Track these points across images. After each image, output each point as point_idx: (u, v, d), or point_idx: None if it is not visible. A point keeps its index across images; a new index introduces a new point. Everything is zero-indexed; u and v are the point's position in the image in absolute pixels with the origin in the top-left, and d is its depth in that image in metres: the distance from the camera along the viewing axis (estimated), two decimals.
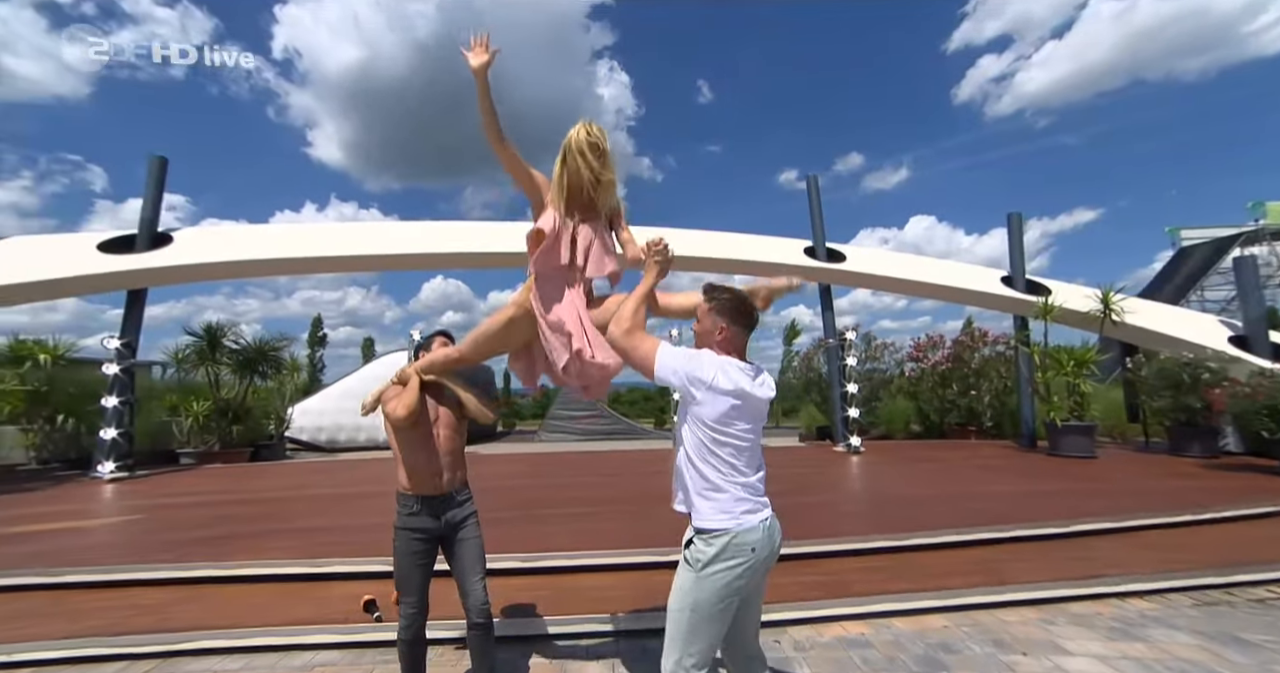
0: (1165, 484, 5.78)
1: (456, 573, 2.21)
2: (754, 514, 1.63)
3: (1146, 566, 3.67)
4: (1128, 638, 2.86)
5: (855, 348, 8.68)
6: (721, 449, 1.64)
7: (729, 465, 1.64)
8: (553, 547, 3.74)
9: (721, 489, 1.63)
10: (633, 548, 3.70)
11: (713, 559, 1.59)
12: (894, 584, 3.35)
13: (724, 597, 1.61)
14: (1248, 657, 2.65)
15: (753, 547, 1.60)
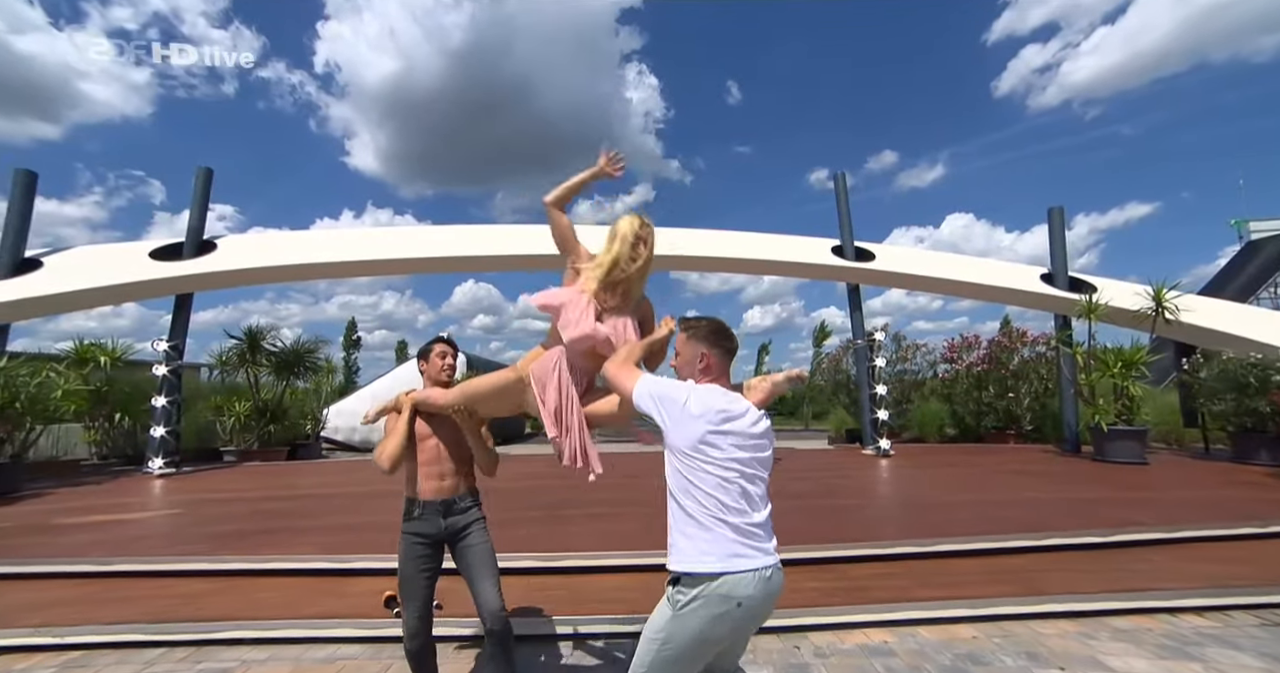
0: (1226, 494, 5.42)
1: (467, 579, 2.15)
2: (744, 560, 1.45)
3: (1202, 580, 3.43)
4: (1181, 657, 2.67)
5: (884, 349, 8.44)
6: (702, 481, 1.50)
7: (714, 500, 1.48)
8: (574, 547, 3.74)
9: (705, 527, 1.48)
10: (651, 550, 3.66)
11: (690, 604, 1.45)
12: (920, 592, 3.22)
13: (698, 643, 1.47)
14: None
15: (739, 601, 1.43)
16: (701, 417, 1.51)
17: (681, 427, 1.51)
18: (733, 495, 1.48)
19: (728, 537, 1.45)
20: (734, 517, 1.47)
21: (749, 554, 1.45)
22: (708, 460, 1.49)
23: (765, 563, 1.46)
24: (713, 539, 1.45)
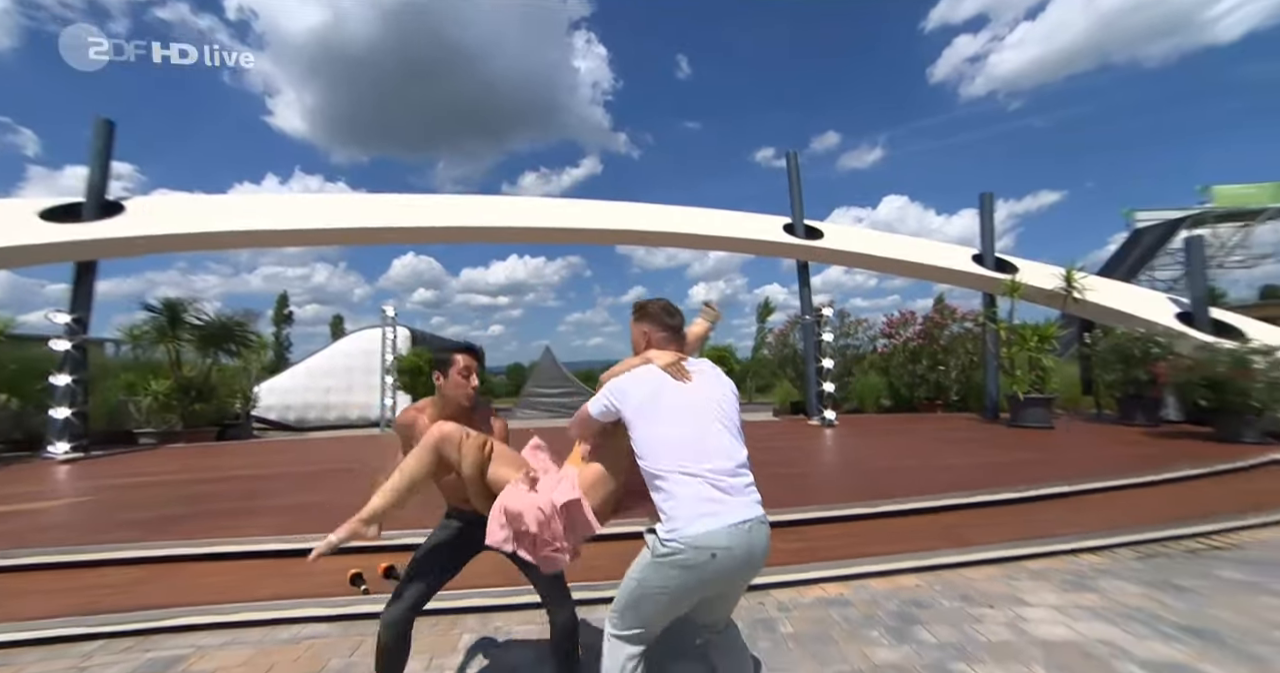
0: (1114, 451, 6.14)
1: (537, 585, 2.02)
2: (719, 515, 1.50)
3: (1096, 524, 3.92)
4: (1080, 589, 3.07)
5: (830, 324, 8.85)
6: (656, 438, 1.59)
7: (671, 453, 1.57)
8: None
9: (669, 480, 1.55)
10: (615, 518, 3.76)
11: (665, 553, 1.51)
12: (868, 548, 3.50)
13: (671, 590, 1.54)
14: (1183, 602, 2.89)
15: (714, 552, 1.47)
16: (639, 387, 1.67)
17: (628, 404, 1.65)
18: (691, 442, 1.58)
19: (695, 487, 1.52)
20: (697, 463, 1.55)
21: (721, 507, 1.51)
22: (657, 416, 1.62)
23: (744, 516, 1.52)
24: (683, 493, 1.52)
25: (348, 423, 16.22)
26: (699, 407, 1.68)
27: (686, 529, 1.48)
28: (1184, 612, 2.79)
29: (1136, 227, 27.76)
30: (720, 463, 1.58)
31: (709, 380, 1.77)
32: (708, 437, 1.63)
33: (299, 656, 2.58)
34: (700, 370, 1.79)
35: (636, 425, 1.64)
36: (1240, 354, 6.73)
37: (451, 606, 2.94)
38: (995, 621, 2.73)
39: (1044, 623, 2.69)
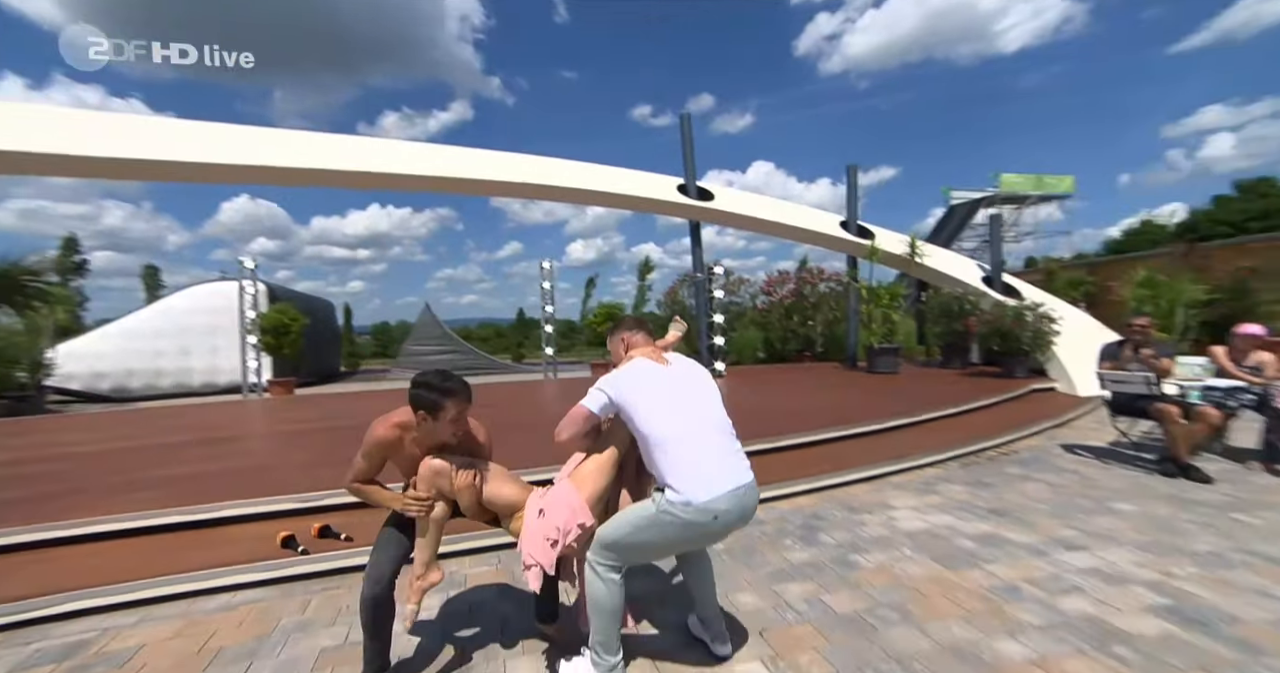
0: (942, 389, 7.54)
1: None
2: (720, 482, 1.75)
3: (935, 445, 4.91)
4: (927, 494, 3.91)
5: (719, 282, 9.48)
6: (659, 417, 1.82)
7: (674, 429, 1.81)
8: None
9: (674, 453, 1.78)
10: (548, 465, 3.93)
11: (672, 513, 1.74)
12: (773, 476, 4.07)
13: (667, 543, 1.85)
14: (988, 493, 3.89)
15: (716, 515, 1.73)
16: (628, 379, 1.92)
17: (620, 393, 1.87)
18: (679, 418, 1.84)
19: (693, 458, 1.78)
20: (702, 443, 1.83)
21: (723, 476, 1.78)
22: (644, 402, 1.85)
23: (740, 481, 1.81)
24: (690, 465, 1.77)
25: (188, 391, 14.14)
26: (690, 388, 1.96)
27: (694, 496, 1.73)
28: (989, 500, 3.73)
29: (952, 203, 32.51)
30: (716, 436, 1.88)
31: (690, 366, 2.08)
32: (703, 413, 1.91)
33: (241, 620, 2.47)
34: (679, 359, 2.08)
35: (638, 409, 1.84)
36: (1017, 310, 8.51)
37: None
38: (874, 523, 3.41)
39: (906, 520, 3.43)
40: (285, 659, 2.17)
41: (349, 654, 2.14)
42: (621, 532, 1.84)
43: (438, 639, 2.29)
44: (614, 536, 1.85)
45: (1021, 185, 30.30)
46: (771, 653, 2.12)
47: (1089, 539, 3.06)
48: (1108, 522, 3.31)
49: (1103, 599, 2.41)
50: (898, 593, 2.53)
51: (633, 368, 1.96)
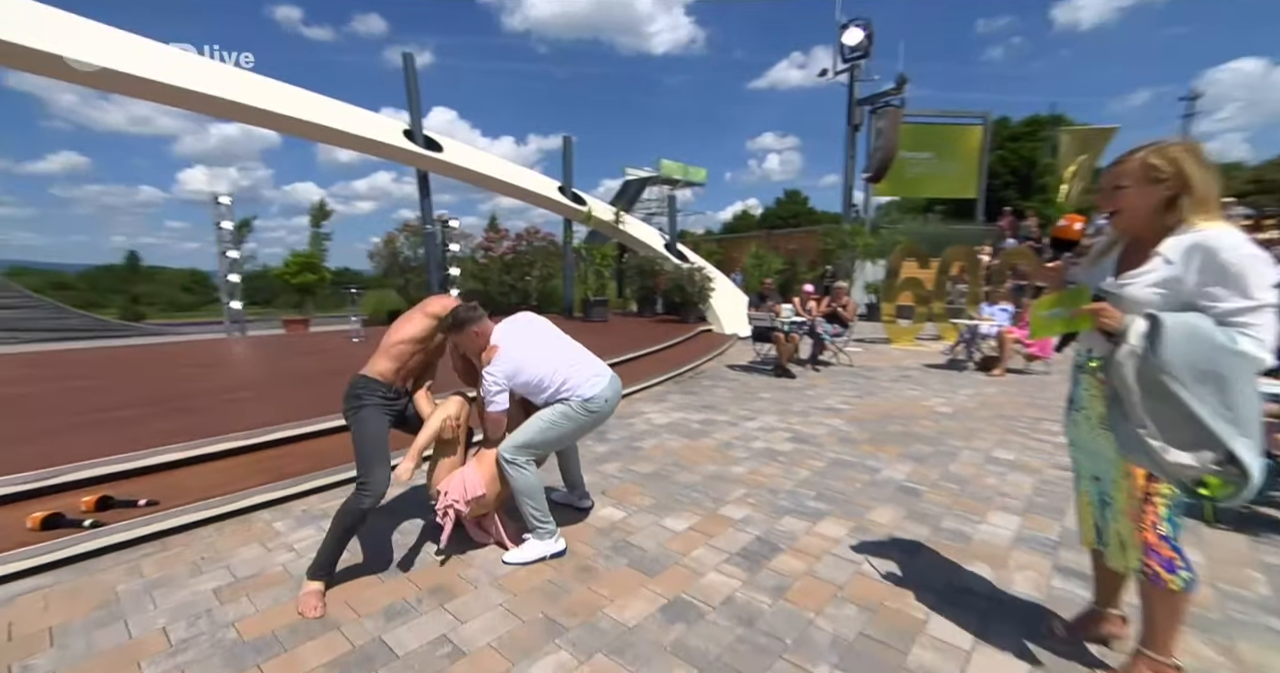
0: (644, 332, 9.65)
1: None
2: (604, 379, 2.53)
3: (656, 370, 6.63)
4: (662, 402, 5.48)
5: (450, 235, 9.46)
6: (547, 362, 2.48)
7: (562, 361, 2.51)
8: (258, 424, 3.53)
9: (570, 375, 2.48)
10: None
11: (585, 408, 2.45)
12: None
13: (577, 429, 2.52)
14: (697, 397, 5.67)
15: (606, 399, 2.50)
16: (507, 364, 2.43)
17: (516, 377, 2.45)
18: (571, 355, 2.59)
19: (589, 372, 2.54)
20: (582, 362, 2.59)
21: (602, 374, 2.59)
22: (538, 353, 2.51)
23: (610, 374, 2.63)
24: (585, 375, 2.52)
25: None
26: (544, 330, 2.67)
27: (595, 392, 2.49)
28: (698, 400, 5.53)
29: (627, 178, 37.88)
30: (582, 351, 2.66)
31: (528, 319, 2.72)
32: (564, 340, 2.68)
33: (12, 619, 2.08)
34: (516, 319, 2.68)
35: (527, 368, 2.44)
36: (690, 271, 11.42)
37: (247, 504, 2.80)
38: (639, 423, 4.73)
39: (656, 418, 4.86)
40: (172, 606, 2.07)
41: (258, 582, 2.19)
42: (538, 433, 2.48)
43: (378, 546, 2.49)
44: (531, 437, 2.48)
45: (675, 171, 37.33)
46: (614, 501, 3.11)
47: (754, 413, 5.02)
48: (759, 404, 5.41)
49: (768, 441, 4.23)
50: (671, 457, 3.84)
51: (508, 348, 2.45)
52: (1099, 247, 1.66)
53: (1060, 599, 2.12)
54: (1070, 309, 1.51)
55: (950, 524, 2.79)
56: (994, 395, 5.74)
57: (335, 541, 2.14)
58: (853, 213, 17.42)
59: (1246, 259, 1.32)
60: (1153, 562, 1.54)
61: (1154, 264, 1.42)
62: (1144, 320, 1.38)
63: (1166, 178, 1.42)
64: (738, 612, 2.07)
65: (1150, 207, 1.45)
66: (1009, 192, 27.79)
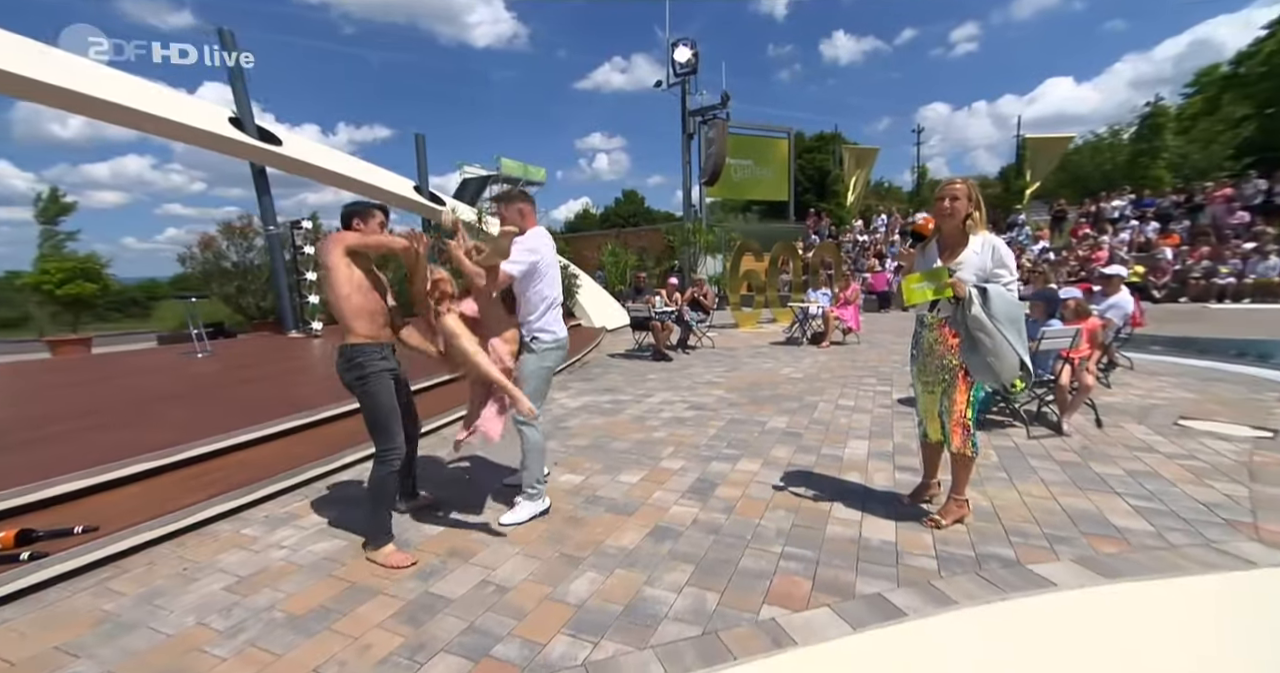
0: None
1: (404, 411, 2.61)
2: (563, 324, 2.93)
3: None
4: (567, 388, 5.90)
5: (308, 235, 8.59)
6: (552, 283, 2.81)
7: (552, 292, 2.80)
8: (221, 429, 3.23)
9: (552, 309, 2.79)
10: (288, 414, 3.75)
11: (554, 347, 2.76)
12: None
13: (553, 369, 2.91)
14: (596, 382, 6.21)
15: (567, 340, 2.87)
16: (546, 246, 2.77)
17: (544, 262, 2.74)
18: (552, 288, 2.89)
19: (559, 314, 2.91)
20: (558, 302, 2.93)
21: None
22: (546, 272, 2.81)
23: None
24: (558, 317, 2.88)
25: None
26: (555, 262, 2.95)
27: (562, 332, 2.87)
28: (599, 384, 6.06)
29: (465, 176, 36.55)
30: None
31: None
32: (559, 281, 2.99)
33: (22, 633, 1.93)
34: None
35: (545, 274, 2.73)
36: None
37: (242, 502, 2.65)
38: (555, 406, 5.11)
39: (571, 401, 5.28)
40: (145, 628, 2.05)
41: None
42: (535, 387, 2.75)
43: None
44: (534, 390, 2.74)
45: (515, 169, 36.87)
46: (569, 469, 3.54)
47: (650, 391, 5.72)
48: (650, 383, 6.13)
49: (673, 411, 4.94)
50: (598, 431, 4.35)
51: (545, 239, 2.72)
52: (923, 244, 2.59)
53: (903, 483, 3.12)
54: (938, 282, 2.35)
55: (827, 452, 3.75)
56: (827, 363, 7.21)
57: (380, 507, 2.36)
58: (693, 213, 19.24)
59: (1007, 250, 2.33)
60: (959, 436, 2.50)
61: (967, 254, 2.35)
62: (976, 290, 2.29)
63: (973, 199, 2.37)
64: (705, 527, 2.69)
65: (959, 217, 2.38)
66: (809, 196, 32.66)
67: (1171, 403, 4.64)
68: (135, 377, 5.94)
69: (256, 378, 5.61)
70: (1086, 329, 4.19)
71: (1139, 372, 5.88)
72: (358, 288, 2.38)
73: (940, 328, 2.49)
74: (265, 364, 6.51)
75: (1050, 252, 15.16)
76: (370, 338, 2.40)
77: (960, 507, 2.63)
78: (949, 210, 2.39)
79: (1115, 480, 3.10)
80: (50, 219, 25.50)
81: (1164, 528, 2.52)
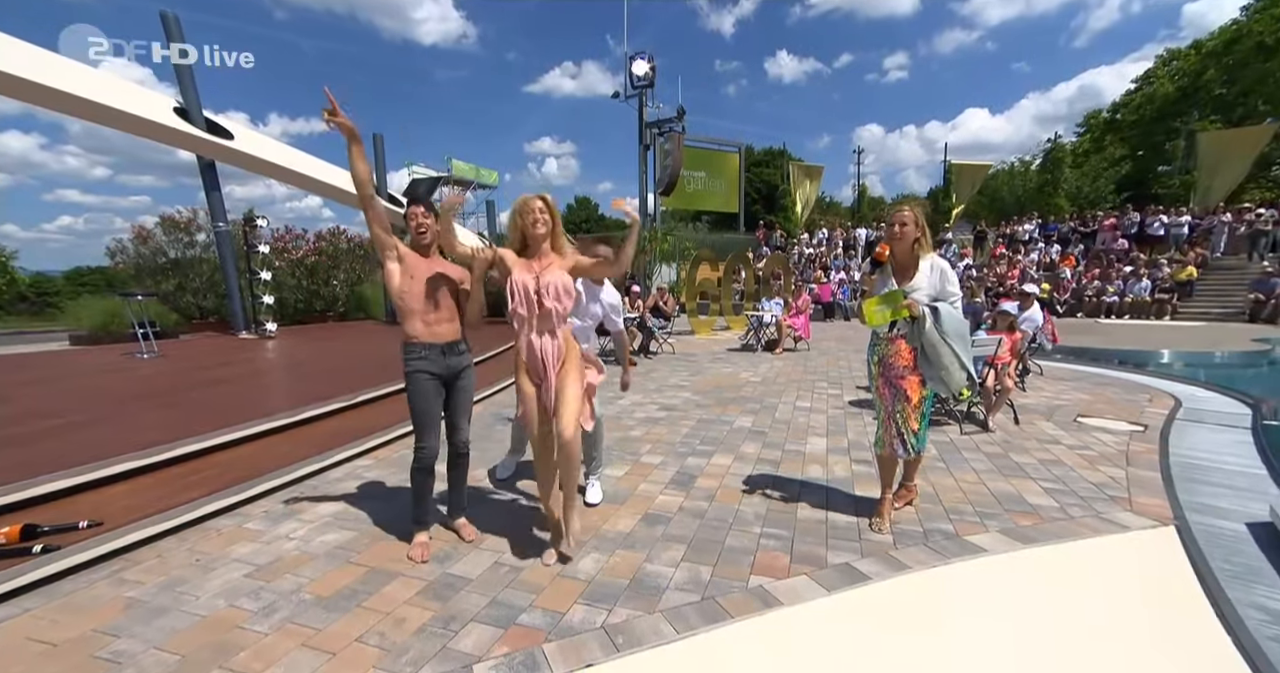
0: (492, 332, 9.85)
1: (450, 414, 2.59)
2: None
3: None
4: None
5: (264, 237, 8.29)
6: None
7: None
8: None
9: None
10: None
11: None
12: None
13: None
14: None
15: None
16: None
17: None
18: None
19: None
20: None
21: None
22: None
23: None
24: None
25: None
26: None
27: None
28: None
29: (414, 177, 35.68)
30: None
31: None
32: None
33: (20, 640, 1.95)
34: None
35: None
36: None
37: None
38: None
39: None
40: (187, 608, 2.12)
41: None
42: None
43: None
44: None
45: (467, 172, 36.26)
46: None
47: (620, 394, 5.95)
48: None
49: (645, 412, 5.22)
50: None
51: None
52: (880, 269, 2.86)
53: (859, 474, 3.53)
54: (894, 304, 2.69)
55: (791, 447, 4.13)
56: (783, 368, 7.70)
57: (418, 497, 2.49)
58: (648, 221, 19.68)
59: (951, 271, 2.70)
60: (911, 439, 2.82)
61: (919, 277, 2.67)
62: (929, 309, 2.63)
63: (919, 224, 2.70)
64: (690, 513, 2.98)
65: (910, 240, 2.70)
66: (757, 208, 33.95)
67: (1072, 404, 5.35)
68: (87, 378, 5.63)
69: (220, 379, 5.45)
70: (1011, 340, 4.81)
71: (1047, 376, 6.68)
72: (400, 293, 2.40)
73: (895, 342, 2.80)
74: (224, 366, 6.29)
75: (973, 268, 16.60)
76: (415, 337, 2.41)
77: (910, 491, 3.05)
78: (899, 235, 2.70)
79: (1030, 468, 3.64)
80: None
81: (1066, 504, 3.03)
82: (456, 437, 2.62)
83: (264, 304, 8.25)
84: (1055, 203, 23.69)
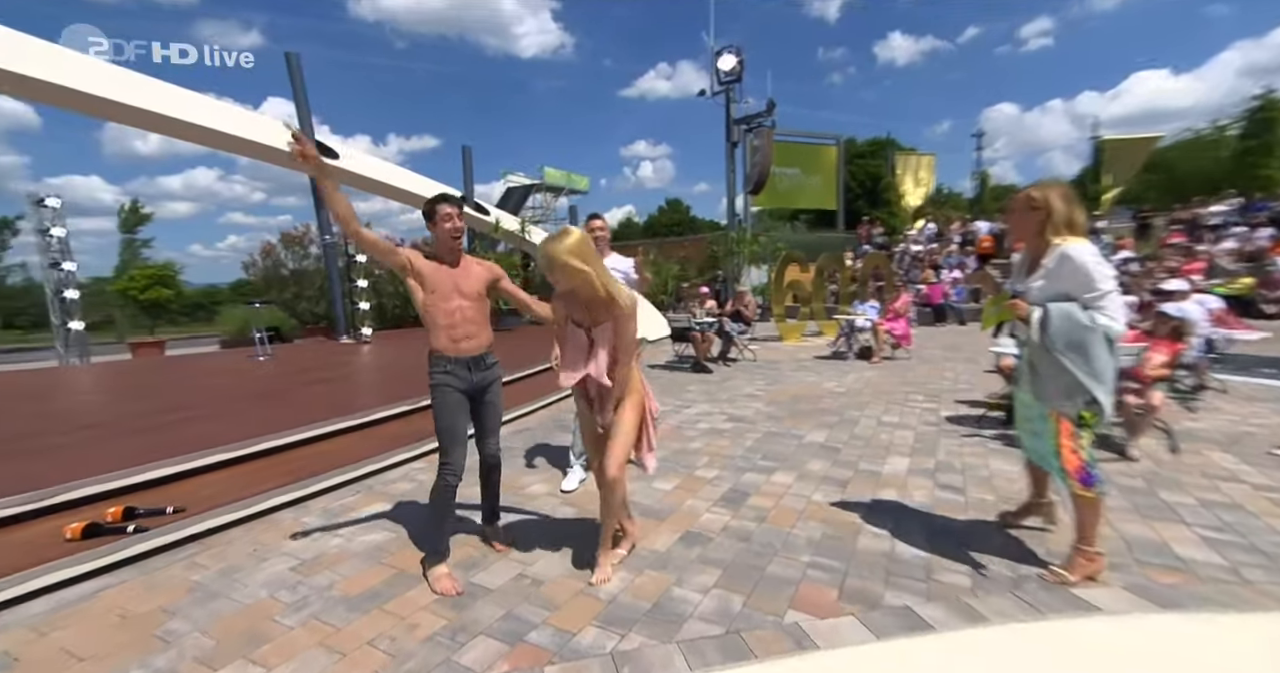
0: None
1: (476, 426, 2.52)
2: None
3: None
4: None
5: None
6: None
7: None
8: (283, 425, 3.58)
9: None
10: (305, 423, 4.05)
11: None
12: (523, 397, 5.35)
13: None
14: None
15: None
16: None
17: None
18: None
19: None
20: None
21: None
22: None
23: None
24: None
25: None
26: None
27: None
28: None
29: (510, 186, 37.76)
30: None
31: None
32: None
33: (107, 608, 2.19)
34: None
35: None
36: None
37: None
38: None
39: None
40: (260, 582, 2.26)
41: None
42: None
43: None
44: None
45: (559, 179, 37.59)
46: None
47: (688, 402, 5.78)
48: (690, 394, 6.19)
49: (710, 422, 4.99)
50: None
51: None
52: (1018, 262, 2.38)
53: (942, 501, 3.06)
54: (999, 306, 2.29)
55: (865, 467, 3.71)
56: (874, 377, 7.06)
57: (433, 518, 2.35)
58: (737, 222, 19.20)
59: (1089, 262, 1.99)
60: (1076, 479, 2.17)
61: (1041, 271, 2.17)
62: (1038, 310, 2.13)
63: (1040, 207, 2.11)
64: (735, 534, 2.74)
65: (1031, 228, 2.19)
66: (860, 203, 31.99)
67: (1268, 431, 4.23)
68: (211, 377, 6.50)
69: (317, 380, 6.02)
70: (1171, 350, 3.95)
71: (1233, 395, 5.35)
72: (423, 308, 2.39)
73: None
74: (323, 369, 6.97)
75: (1134, 262, 14.10)
76: (440, 349, 2.37)
77: (1091, 560, 2.21)
78: (1015, 222, 2.24)
79: (1186, 510, 2.90)
80: (130, 229, 27.97)
81: (1239, 563, 2.34)
82: (486, 449, 2.57)
83: (360, 311, 9.06)
84: (1265, 176, 19.26)
